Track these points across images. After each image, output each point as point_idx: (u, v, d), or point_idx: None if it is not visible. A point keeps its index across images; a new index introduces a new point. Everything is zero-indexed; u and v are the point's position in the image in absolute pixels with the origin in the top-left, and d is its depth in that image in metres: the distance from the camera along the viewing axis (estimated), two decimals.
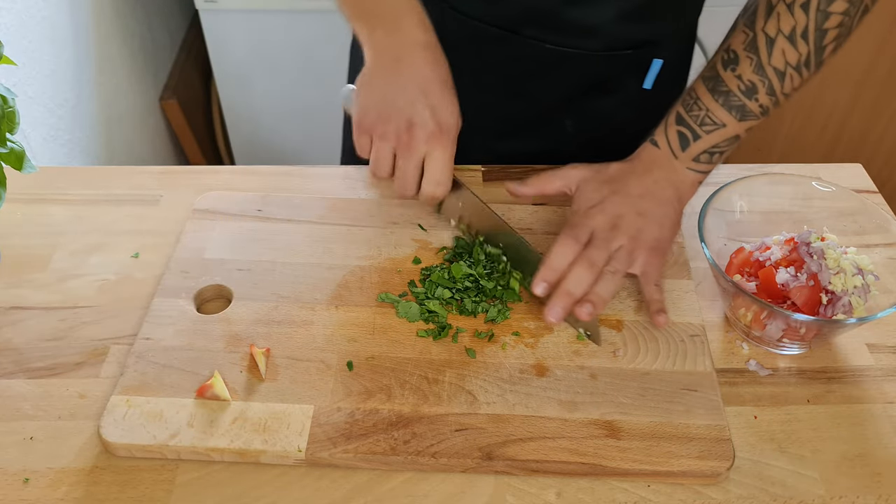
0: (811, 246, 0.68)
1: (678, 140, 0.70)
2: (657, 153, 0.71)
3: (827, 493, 0.60)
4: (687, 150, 0.70)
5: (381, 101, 0.67)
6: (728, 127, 0.69)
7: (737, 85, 0.67)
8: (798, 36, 0.65)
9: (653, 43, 0.80)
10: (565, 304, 0.65)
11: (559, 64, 0.81)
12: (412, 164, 0.67)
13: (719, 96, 0.68)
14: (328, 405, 0.63)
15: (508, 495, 0.59)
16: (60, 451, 0.61)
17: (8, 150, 0.68)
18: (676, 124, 0.70)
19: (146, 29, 1.65)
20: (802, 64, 0.67)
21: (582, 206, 0.70)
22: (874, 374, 0.68)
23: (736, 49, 0.67)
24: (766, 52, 0.66)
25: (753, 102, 0.68)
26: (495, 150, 0.90)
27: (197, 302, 0.71)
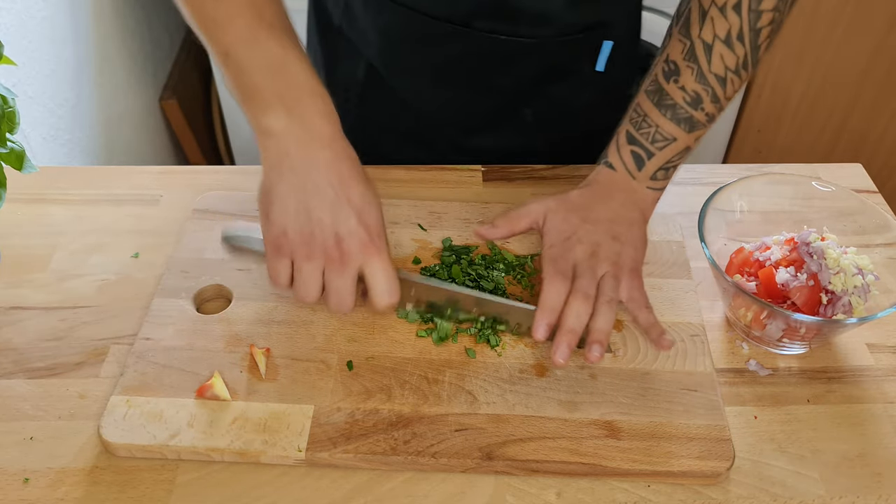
0: (811, 246, 0.68)
1: (633, 161, 0.69)
2: (615, 176, 0.70)
3: (827, 493, 0.60)
4: (643, 170, 0.69)
5: (296, 216, 0.58)
6: (679, 140, 0.68)
7: (682, 97, 0.67)
8: (734, 39, 0.64)
9: (603, 25, 0.80)
10: (570, 342, 0.63)
11: (515, 54, 0.80)
12: (348, 280, 0.59)
13: (666, 110, 0.67)
14: (328, 405, 0.63)
15: (508, 495, 0.59)
16: (60, 451, 0.61)
17: (8, 150, 0.68)
18: (629, 144, 0.69)
19: (146, 29, 1.65)
20: (741, 66, 0.66)
21: (555, 239, 0.68)
22: (874, 374, 0.68)
23: (675, 59, 0.67)
24: (705, 59, 0.65)
25: (700, 112, 0.67)
26: (463, 146, 0.89)
27: (197, 302, 0.71)
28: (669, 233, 0.79)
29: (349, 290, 0.60)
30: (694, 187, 0.87)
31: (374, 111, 0.89)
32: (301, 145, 0.57)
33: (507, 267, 0.74)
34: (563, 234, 0.67)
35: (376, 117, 0.89)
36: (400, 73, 0.85)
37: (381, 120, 0.90)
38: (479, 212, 0.81)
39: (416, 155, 0.89)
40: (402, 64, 0.84)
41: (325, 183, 0.57)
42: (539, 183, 0.86)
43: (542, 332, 0.63)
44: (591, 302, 0.64)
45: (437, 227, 0.79)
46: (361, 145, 0.63)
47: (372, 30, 0.83)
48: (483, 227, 0.72)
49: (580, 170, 0.88)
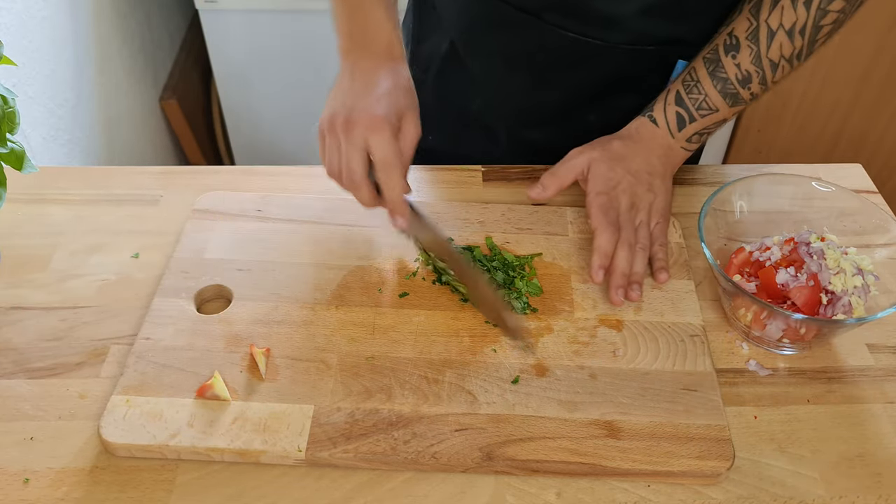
0: (811, 246, 0.68)
1: (676, 121, 0.75)
2: (656, 131, 0.76)
3: (827, 493, 0.60)
4: (683, 131, 0.75)
5: (332, 105, 0.70)
6: (720, 112, 0.74)
7: (735, 73, 0.71)
8: (797, 31, 0.69)
9: (677, 42, 0.81)
10: (623, 285, 0.71)
11: (583, 55, 0.82)
12: (353, 148, 0.67)
13: (718, 82, 0.72)
14: (328, 405, 0.63)
15: (508, 495, 0.59)
16: (60, 451, 0.61)
17: (8, 150, 0.68)
18: (676, 105, 0.74)
19: (146, 29, 1.65)
20: (795, 57, 0.70)
21: (602, 187, 0.74)
22: (874, 374, 0.68)
23: (738, 35, 0.71)
24: (765, 43, 0.70)
25: (746, 91, 0.72)
26: (521, 138, 0.92)
27: (197, 302, 0.71)
28: (669, 233, 0.79)
29: (355, 158, 0.67)
30: (694, 187, 0.87)
31: (448, 87, 0.92)
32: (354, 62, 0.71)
33: (506, 267, 0.74)
34: (609, 183, 0.74)
35: (448, 94, 0.93)
36: (475, 55, 0.88)
37: (451, 97, 0.93)
38: (479, 212, 0.81)
39: (473, 137, 0.94)
40: (477, 46, 0.88)
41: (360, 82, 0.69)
42: None
43: (599, 275, 0.71)
44: (633, 250, 0.73)
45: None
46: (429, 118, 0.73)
47: (455, 8, 0.87)
48: (533, 189, 0.76)
49: None
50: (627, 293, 0.71)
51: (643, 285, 0.72)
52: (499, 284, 0.72)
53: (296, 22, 1.61)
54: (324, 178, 0.86)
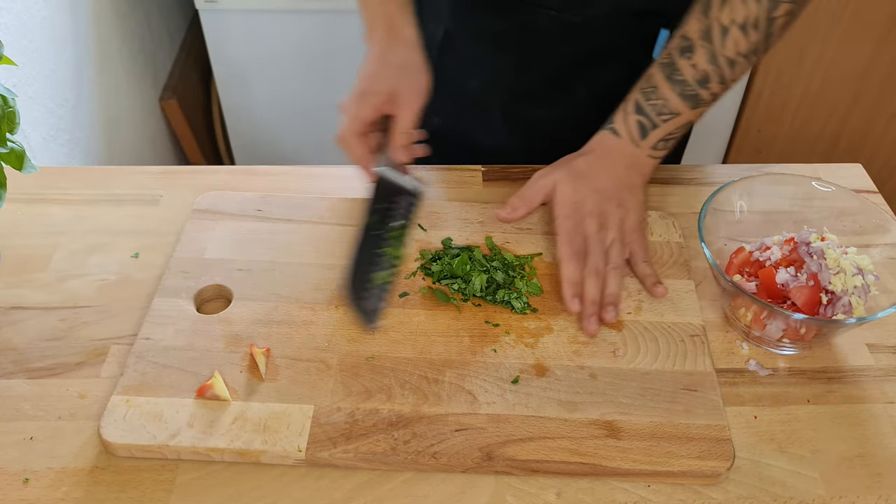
0: (811, 246, 0.68)
1: (638, 129, 0.74)
2: (618, 142, 0.75)
3: (827, 493, 0.60)
4: (646, 139, 0.74)
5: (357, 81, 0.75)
6: (682, 115, 0.73)
7: (692, 74, 0.70)
8: (750, 25, 0.68)
9: (657, 14, 0.82)
10: (594, 313, 0.69)
11: (566, 32, 0.84)
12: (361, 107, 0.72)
13: (676, 85, 0.71)
14: (328, 405, 0.63)
15: (508, 495, 0.59)
16: (60, 451, 0.61)
17: (8, 150, 0.68)
18: (636, 113, 0.73)
19: (146, 29, 1.65)
20: (752, 52, 0.69)
21: (567, 210, 0.73)
22: (874, 374, 0.68)
23: (691, 37, 0.70)
24: (719, 41, 0.69)
25: (706, 91, 0.71)
26: (516, 115, 0.93)
27: (197, 302, 0.71)
28: (669, 233, 0.79)
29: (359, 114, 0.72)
30: (694, 187, 0.87)
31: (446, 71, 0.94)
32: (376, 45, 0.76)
33: (506, 267, 0.74)
34: (575, 206, 0.73)
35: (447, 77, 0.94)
36: (466, 39, 0.90)
37: (450, 80, 0.95)
38: (479, 212, 0.81)
39: (473, 117, 0.95)
40: (468, 30, 0.89)
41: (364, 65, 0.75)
42: None
43: (575, 304, 0.70)
44: (602, 275, 0.71)
45: (438, 227, 0.79)
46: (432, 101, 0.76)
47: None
48: (503, 211, 0.76)
49: None
50: (602, 316, 0.70)
51: (619, 305, 0.71)
52: (499, 284, 0.72)
53: (296, 22, 1.61)
54: (324, 177, 0.87)
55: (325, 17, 1.60)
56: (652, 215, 0.81)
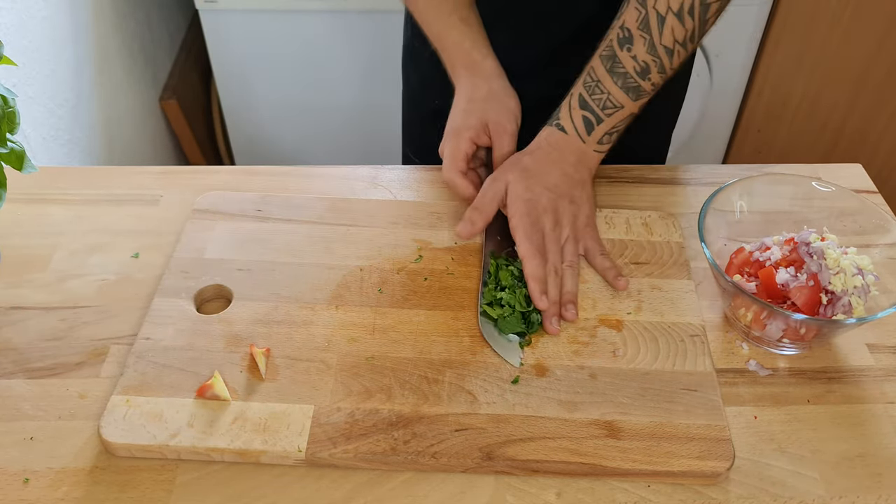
0: (811, 246, 0.68)
1: (584, 125, 0.75)
2: (565, 139, 0.76)
3: (827, 493, 0.60)
4: (592, 134, 0.75)
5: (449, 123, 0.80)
6: (625, 108, 0.74)
7: (632, 66, 0.71)
8: (685, 12, 0.69)
9: None
10: (555, 313, 0.70)
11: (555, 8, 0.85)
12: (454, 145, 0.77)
13: (617, 78, 0.72)
14: (328, 405, 0.63)
15: (508, 495, 0.59)
16: (60, 451, 0.61)
17: (8, 150, 0.68)
18: (581, 108, 0.74)
19: (146, 29, 1.65)
20: (688, 39, 0.70)
21: (522, 209, 0.73)
22: (874, 374, 0.68)
23: (630, 27, 0.71)
24: (657, 30, 0.70)
25: (647, 82, 0.72)
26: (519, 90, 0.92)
27: (197, 302, 0.71)
28: (669, 233, 0.79)
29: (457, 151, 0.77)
30: (694, 187, 0.87)
31: None
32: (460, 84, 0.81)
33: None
34: (529, 204, 0.73)
35: None
36: None
37: None
38: None
39: None
40: None
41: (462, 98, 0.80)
42: None
43: (543, 301, 0.70)
44: (560, 271, 0.72)
45: (437, 227, 0.79)
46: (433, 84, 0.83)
47: None
48: (461, 227, 0.75)
49: None
50: (563, 315, 0.70)
51: (577, 303, 0.71)
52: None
53: (296, 22, 1.61)
54: (324, 177, 0.87)
55: (325, 17, 1.60)
56: (652, 215, 0.81)
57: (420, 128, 1.05)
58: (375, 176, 0.87)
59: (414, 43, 0.97)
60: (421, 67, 0.98)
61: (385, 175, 0.87)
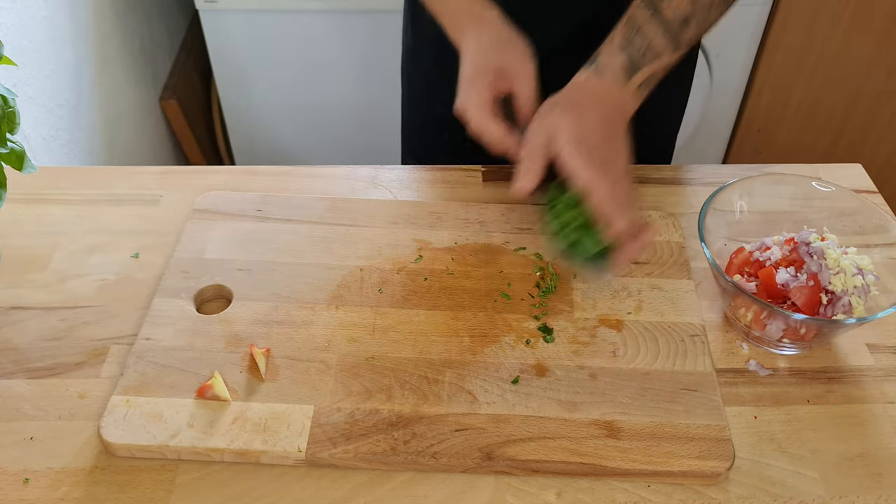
0: (811, 246, 0.68)
1: (622, 69, 0.73)
2: (604, 83, 0.73)
3: (827, 493, 0.60)
4: (631, 81, 0.73)
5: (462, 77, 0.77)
6: (664, 56, 0.72)
7: (673, 15, 0.71)
8: None
9: None
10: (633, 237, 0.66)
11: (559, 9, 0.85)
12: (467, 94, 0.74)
13: (659, 26, 0.71)
14: (328, 405, 0.63)
15: (508, 495, 0.59)
16: (60, 451, 0.61)
17: (8, 150, 0.68)
18: (621, 53, 0.73)
19: (146, 29, 1.65)
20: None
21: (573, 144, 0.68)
22: (874, 374, 0.68)
23: None
24: None
25: (686, 33, 0.71)
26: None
27: (197, 302, 0.71)
28: (669, 233, 0.79)
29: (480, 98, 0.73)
30: (694, 187, 0.87)
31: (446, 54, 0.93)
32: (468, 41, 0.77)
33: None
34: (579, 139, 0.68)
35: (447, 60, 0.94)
36: None
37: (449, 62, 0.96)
38: (479, 212, 0.81)
39: None
40: None
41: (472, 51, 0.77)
42: None
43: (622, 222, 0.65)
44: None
45: (438, 227, 0.79)
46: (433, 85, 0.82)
47: None
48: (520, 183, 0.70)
49: None
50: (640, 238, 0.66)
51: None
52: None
53: (296, 22, 1.61)
54: (324, 177, 0.87)
55: (325, 17, 1.60)
56: (652, 215, 0.81)
57: (420, 131, 1.05)
58: (375, 176, 0.87)
59: (415, 45, 0.97)
60: (423, 70, 0.98)
61: (385, 175, 0.87)
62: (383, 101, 1.62)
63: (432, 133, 1.01)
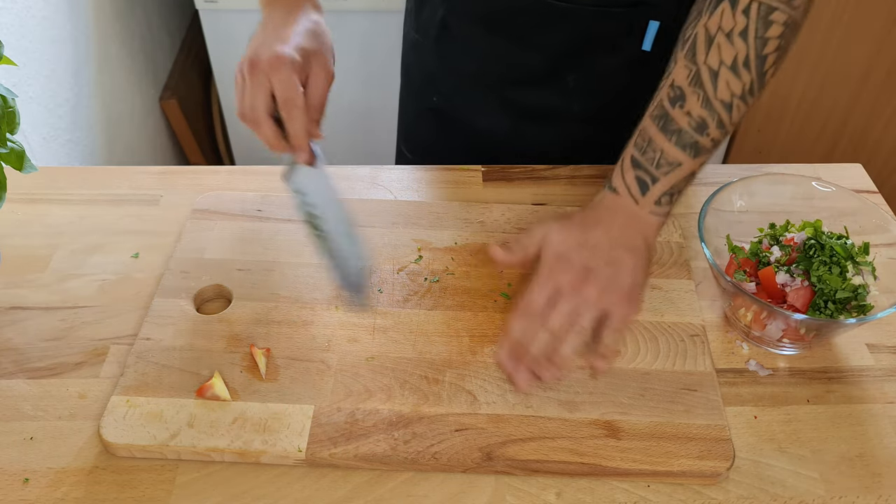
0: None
1: (637, 185, 0.68)
2: (618, 200, 0.69)
3: (827, 493, 0.60)
4: (647, 195, 0.68)
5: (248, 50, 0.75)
6: (684, 166, 0.67)
7: (687, 122, 0.66)
8: (741, 66, 0.64)
9: (647, 4, 0.82)
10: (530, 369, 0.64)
11: (555, 18, 0.84)
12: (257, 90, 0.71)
13: (671, 135, 0.66)
14: (328, 405, 0.63)
15: (508, 495, 0.59)
16: (60, 451, 0.61)
17: (8, 150, 0.68)
18: (633, 168, 0.68)
19: (146, 29, 1.65)
20: (747, 93, 0.65)
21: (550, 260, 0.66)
22: (874, 374, 0.68)
23: (681, 85, 0.66)
24: (711, 86, 0.65)
25: (705, 138, 0.66)
26: (509, 99, 0.93)
27: (197, 302, 0.71)
28: (669, 233, 0.79)
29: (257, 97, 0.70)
30: (694, 187, 0.87)
31: (445, 52, 0.95)
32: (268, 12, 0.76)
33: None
34: (557, 257, 0.66)
35: (446, 58, 0.96)
36: (460, 21, 0.90)
37: (448, 61, 0.96)
38: (479, 212, 0.81)
39: (470, 98, 0.95)
40: (461, 12, 0.90)
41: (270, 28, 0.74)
42: (539, 183, 0.86)
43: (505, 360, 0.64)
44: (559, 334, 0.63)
45: (437, 227, 0.79)
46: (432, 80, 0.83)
47: None
48: (498, 251, 0.70)
49: (581, 170, 0.88)
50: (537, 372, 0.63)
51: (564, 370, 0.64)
52: None
53: None
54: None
55: (324, 17, 1.60)
56: None
57: (416, 123, 1.05)
58: (375, 176, 0.87)
59: (415, 36, 0.97)
60: (423, 61, 0.98)
61: (385, 175, 0.87)
62: (383, 101, 1.62)
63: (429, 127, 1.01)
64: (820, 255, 0.67)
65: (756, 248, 0.71)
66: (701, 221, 0.69)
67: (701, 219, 0.70)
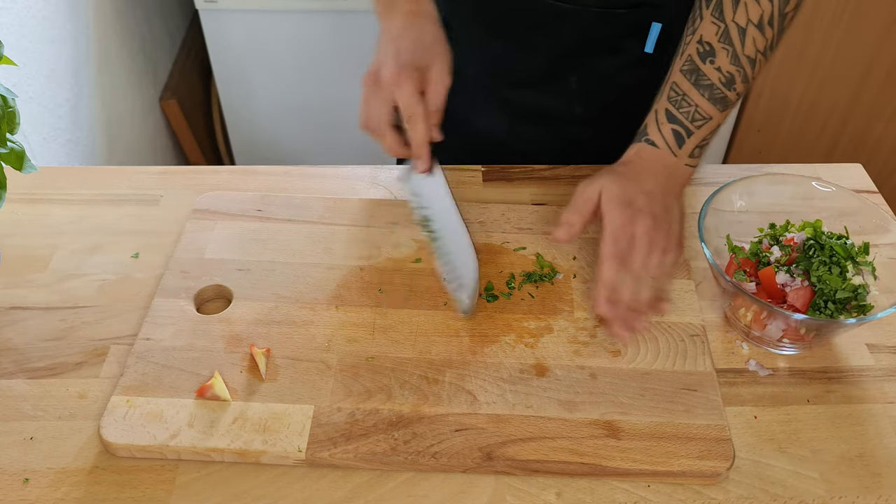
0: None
1: (674, 138, 0.73)
2: (657, 152, 0.73)
3: (827, 493, 0.60)
4: (683, 147, 0.73)
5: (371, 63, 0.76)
6: (713, 119, 0.72)
7: (718, 77, 0.71)
8: (765, 23, 0.69)
9: (650, 5, 0.83)
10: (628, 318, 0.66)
11: (557, 19, 0.85)
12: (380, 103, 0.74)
13: (704, 90, 0.71)
14: (328, 405, 0.63)
15: (508, 495, 0.59)
16: (60, 451, 0.61)
17: (8, 150, 0.68)
18: (669, 122, 0.73)
19: (146, 29, 1.65)
20: (768, 48, 0.70)
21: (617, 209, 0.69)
22: (874, 374, 0.68)
23: (710, 41, 0.71)
24: (739, 41, 0.69)
25: (732, 92, 0.71)
26: (510, 101, 0.94)
27: (197, 302, 0.71)
28: None
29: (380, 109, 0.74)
30: (694, 187, 0.87)
31: None
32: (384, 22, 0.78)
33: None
34: (624, 204, 0.69)
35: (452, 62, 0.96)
36: (460, 23, 0.91)
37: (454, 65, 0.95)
38: (479, 212, 0.81)
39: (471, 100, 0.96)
40: (461, 14, 0.90)
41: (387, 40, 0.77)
42: (539, 183, 0.86)
43: (601, 306, 0.66)
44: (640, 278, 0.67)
45: None
46: None
47: None
48: (559, 232, 0.71)
49: (581, 170, 0.88)
50: (633, 325, 0.66)
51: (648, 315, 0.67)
52: None
53: (296, 22, 1.61)
54: (324, 177, 0.87)
55: (325, 17, 1.60)
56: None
57: None
58: (375, 176, 0.87)
59: None
60: None
61: (385, 175, 0.87)
62: None
63: None
64: (820, 255, 0.67)
65: (756, 248, 0.72)
66: (701, 221, 0.70)
67: (701, 219, 0.70)
